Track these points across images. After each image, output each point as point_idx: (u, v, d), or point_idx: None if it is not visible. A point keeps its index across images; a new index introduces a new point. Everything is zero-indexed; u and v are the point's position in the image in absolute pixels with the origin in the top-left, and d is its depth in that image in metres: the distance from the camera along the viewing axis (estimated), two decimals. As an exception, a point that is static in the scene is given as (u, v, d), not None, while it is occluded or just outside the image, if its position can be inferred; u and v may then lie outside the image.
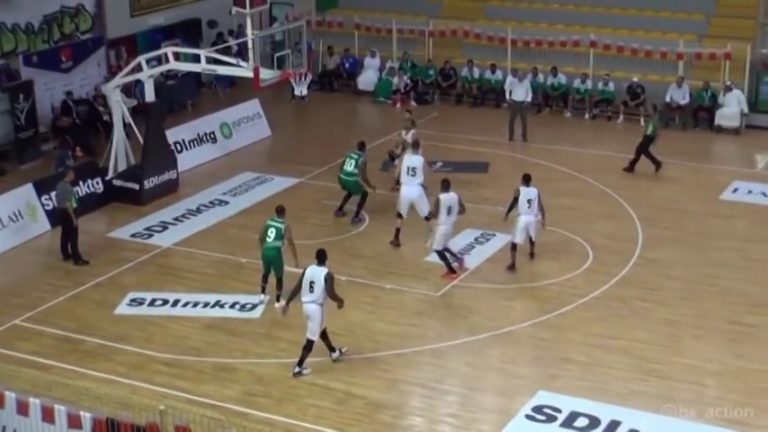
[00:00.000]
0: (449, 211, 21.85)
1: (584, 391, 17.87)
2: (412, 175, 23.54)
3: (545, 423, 17.01)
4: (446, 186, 22.08)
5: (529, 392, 17.81)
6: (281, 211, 21.06)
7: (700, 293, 21.45)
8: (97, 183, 26.37)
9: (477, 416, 17.38)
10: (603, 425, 16.83)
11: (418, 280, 22.07)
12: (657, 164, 28.40)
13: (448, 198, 21.89)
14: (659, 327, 20.07)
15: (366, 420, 17.08)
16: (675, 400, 17.56)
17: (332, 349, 18.74)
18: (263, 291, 21.23)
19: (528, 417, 17.16)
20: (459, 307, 20.94)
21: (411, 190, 23.56)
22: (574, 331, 19.93)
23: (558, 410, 17.23)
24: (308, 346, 18.31)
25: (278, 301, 20.76)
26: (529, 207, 22.36)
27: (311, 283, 18.02)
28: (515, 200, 22.43)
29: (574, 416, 17.08)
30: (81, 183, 25.55)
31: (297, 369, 18.42)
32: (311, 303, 18.05)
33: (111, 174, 26.73)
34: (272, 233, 20.82)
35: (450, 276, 22.07)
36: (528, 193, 22.44)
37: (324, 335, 18.50)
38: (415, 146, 24.34)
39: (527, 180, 22.69)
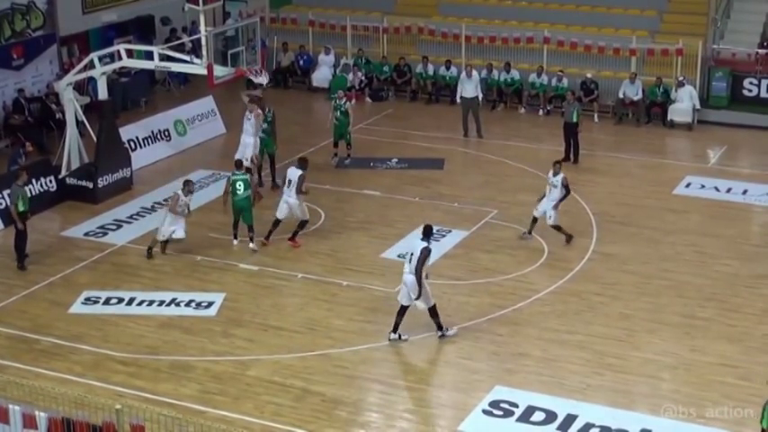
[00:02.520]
0: (288, 183, 23.22)
1: (540, 385, 17.95)
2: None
3: (502, 418, 17.06)
4: (297, 162, 23.62)
5: (486, 387, 17.86)
6: (239, 165, 23.59)
7: (654, 288, 21.61)
8: (50, 181, 26.14)
9: (435, 411, 17.43)
10: (560, 419, 16.90)
11: (375, 276, 22.07)
12: (576, 157, 28.91)
13: (289, 171, 23.34)
14: (615, 321, 20.21)
15: (323, 417, 17.05)
16: (632, 394, 17.74)
17: (439, 327, 19.32)
18: (236, 237, 23.40)
19: (485, 412, 17.20)
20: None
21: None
22: (530, 326, 20.01)
23: (515, 405, 17.29)
24: (402, 311, 19.20)
25: (251, 241, 23.24)
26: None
27: (411, 254, 18.93)
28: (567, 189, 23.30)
29: (530, 410, 17.15)
30: (34, 181, 25.31)
31: (393, 335, 19.23)
32: (408, 274, 18.91)
33: (64, 172, 26.52)
34: (240, 186, 22.97)
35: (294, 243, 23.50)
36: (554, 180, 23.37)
37: (433, 312, 19.17)
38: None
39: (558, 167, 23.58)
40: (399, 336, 19.29)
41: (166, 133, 30.30)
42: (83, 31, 33.69)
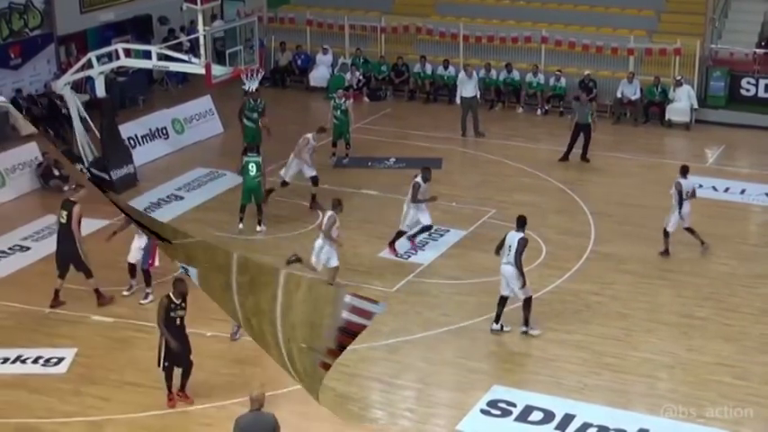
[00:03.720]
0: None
1: (538, 385, 17.98)
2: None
3: (500, 417, 17.08)
4: (421, 169, 23.44)
5: (484, 387, 17.87)
6: (253, 148, 24.15)
7: (652, 287, 21.62)
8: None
9: (433, 411, 17.43)
10: (558, 419, 16.92)
11: (373, 276, 22.07)
12: (585, 155, 28.98)
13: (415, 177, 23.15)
14: (612, 321, 20.22)
15: (322, 417, 17.06)
16: (629, 394, 17.76)
17: (526, 322, 19.55)
18: (241, 221, 23.67)
19: (483, 411, 17.22)
20: (414, 303, 20.93)
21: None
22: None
23: (513, 405, 17.31)
24: (502, 302, 19.59)
25: (259, 225, 23.83)
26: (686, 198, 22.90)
27: (509, 246, 19.30)
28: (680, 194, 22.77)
29: (528, 410, 17.17)
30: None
31: (495, 326, 19.59)
32: (506, 264, 19.32)
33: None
34: (253, 168, 23.46)
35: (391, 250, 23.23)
36: (687, 185, 22.89)
37: (527, 304, 19.46)
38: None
39: (684, 172, 23.08)
40: (501, 326, 19.57)
41: (164, 131, 30.31)
42: (81, 30, 33.67)
